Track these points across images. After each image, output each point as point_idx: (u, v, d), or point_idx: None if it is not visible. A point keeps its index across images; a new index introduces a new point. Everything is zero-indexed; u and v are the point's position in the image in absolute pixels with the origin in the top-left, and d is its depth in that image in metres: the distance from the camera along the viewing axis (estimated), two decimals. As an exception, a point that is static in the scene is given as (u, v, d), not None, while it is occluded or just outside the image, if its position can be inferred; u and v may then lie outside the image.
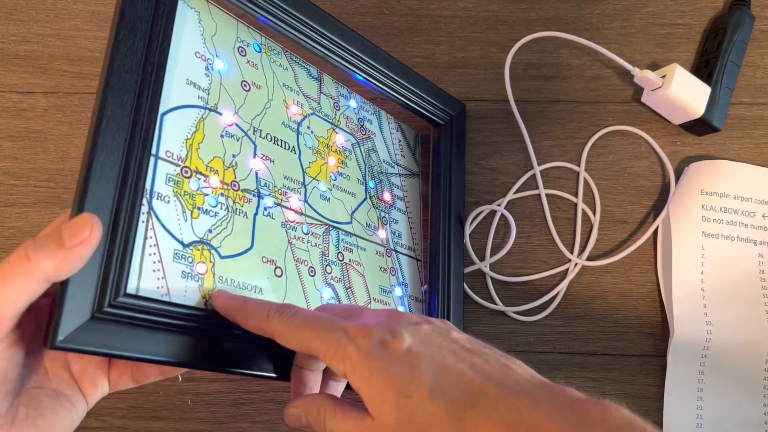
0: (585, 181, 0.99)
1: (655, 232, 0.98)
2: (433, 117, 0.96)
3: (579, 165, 1.00)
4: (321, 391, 0.68)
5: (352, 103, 0.89)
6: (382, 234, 0.88)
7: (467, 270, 0.96)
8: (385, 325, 0.57)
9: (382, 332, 0.55)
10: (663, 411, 0.91)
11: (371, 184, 0.88)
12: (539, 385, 0.52)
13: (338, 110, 0.86)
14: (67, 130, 0.98)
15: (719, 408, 0.91)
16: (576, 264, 0.96)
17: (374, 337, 0.55)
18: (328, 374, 0.68)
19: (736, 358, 0.92)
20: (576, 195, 1.00)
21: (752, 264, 0.97)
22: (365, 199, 0.87)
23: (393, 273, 0.88)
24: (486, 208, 0.96)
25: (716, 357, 0.92)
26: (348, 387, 0.70)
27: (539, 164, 1.00)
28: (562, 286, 0.96)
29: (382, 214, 0.89)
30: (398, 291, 0.88)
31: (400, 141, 0.96)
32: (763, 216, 0.98)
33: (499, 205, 0.98)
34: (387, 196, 0.90)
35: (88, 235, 0.51)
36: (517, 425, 0.47)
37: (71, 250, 0.50)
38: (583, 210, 0.99)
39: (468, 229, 0.95)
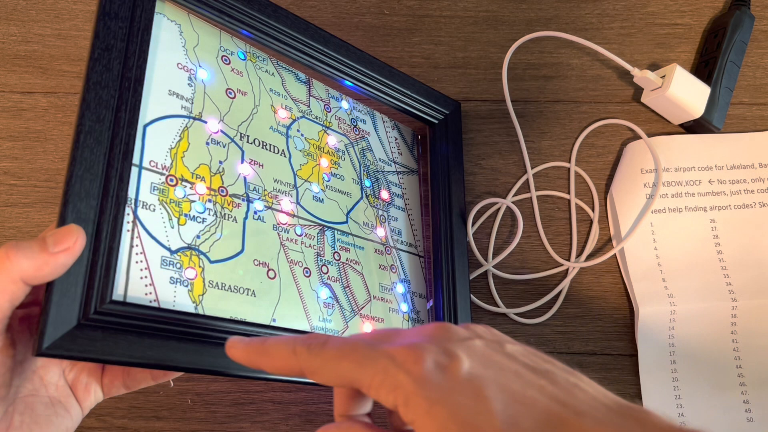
0: (585, 182, 0.99)
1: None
2: (426, 117, 0.96)
3: (571, 162, 1.00)
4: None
5: (344, 104, 0.89)
6: (380, 232, 0.88)
7: (475, 274, 0.96)
8: (435, 345, 0.47)
9: (435, 354, 0.46)
10: (640, 391, 0.92)
11: (367, 183, 0.88)
12: (618, 410, 0.44)
13: (329, 112, 0.86)
14: (67, 130, 0.98)
15: (694, 377, 0.92)
16: (573, 267, 0.95)
17: (427, 360, 0.45)
18: None
19: (703, 326, 0.93)
20: (569, 192, 0.99)
21: (705, 230, 0.98)
22: (361, 198, 0.87)
23: (394, 270, 0.88)
24: (494, 201, 0.97)
25: (683, 328, 0.93)
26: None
27: (540, 164, 1.00)
28: (564, 286, 0.95)
29: (380, 212, 0.89)
30: (400, 288, 0.88)
31: (396, 139, 0.96)
32: (709, 182, 0.99)
33: (499, 208, 0.98)
34: (384, 194, 0.90)
35: (71, 244, 0.52)
36: None
37: (53, 255, 0.51)
38: (583, 210, 0.98)
39: (470, 226, 0.95)
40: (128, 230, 0.60)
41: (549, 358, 0.50)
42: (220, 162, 0.70)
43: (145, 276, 0.61)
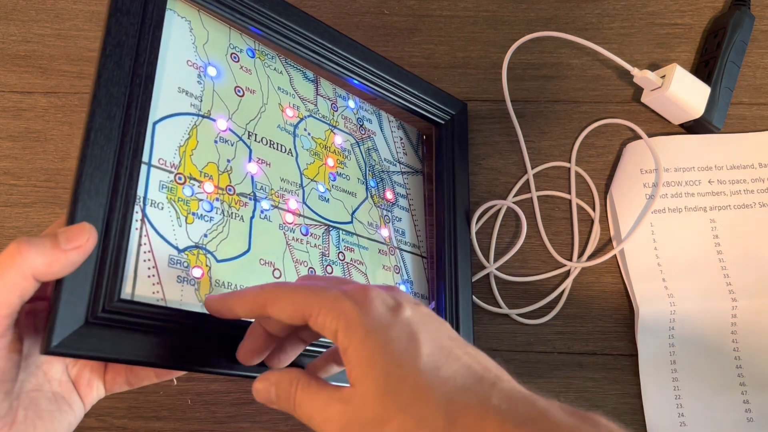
0: (585, 182, 0.99)
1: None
2: (432, 117, 0.96)
3: (571, 162, 1.01)
4: (271, 357, 0.63)
5: (351, 104, 0.89)
6: (384, 232, 0.88)
7: (477, 276, 0.96)
8: (386, 292, 0.53)
9: (383, 296, 0.52)
10: (641, 393, 0.91)
11: (372, 183, 0.88)
12: (531, 392, 0.48)
13: (336, 111, 0.86)
14: (67, 130, 0.98)
15: (694, 377, 0.91)
16: (575, 267, 0.96)
17: (375, 298, 0.51)
18: (285, 341, 0.63)
19: (703, 326, 0.93)
20: (570, 192, 1.00)
21: (705, 231, 0.98)
22: (366, 198, 0.87)
23: (397, 271, 0.88)
24: (496, 203, 0.97)
25: (684, 328, 0.93)
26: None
27: (540, 164, 1.00)
28: (566, 285, 0.95)
29: (384, 213, 0.89)
30: (403, 288, 0.88)
31: (401, 139, 0.96)
32: (709, 182, 1.00)
33: (500, 209, 0.98)
34: (389, 195, 0.90)
35: (83, 242, 0.53)
36: (513, 416, 0.45)
37: (64, 252, 0.51)
38: (584, 210, 0.98)
39: (474, 227, 0.95)
40: (137, 228, 0.60)
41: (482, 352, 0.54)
42: (228, 160, 0.70)
43: (153, 275, 0.61)
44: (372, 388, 0.47)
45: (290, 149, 0.78)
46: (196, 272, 0.64)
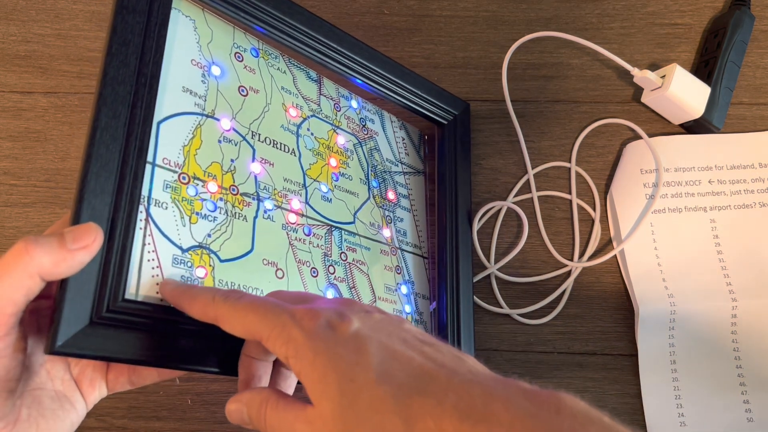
0: (585, 182, 0.99)
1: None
2: (435, 117, 0.95)
3: (571, 162, 1.01)
4: (271, 384, 0.64)
5: (353, 104, 0.89)
6: (386, 233, 0.88)
7: (478, 277, 0.96)
8: (334, 309, 0.54)
9: (330, 315, 0.53)
10: (641, 393, 0.91)
11: (374, 183, 0.88)
12: (491, 377, 0.49)
13: (339, 111, 0.86)
14: (67, 130, 0.98)
15: (694, 377, 0.91)
16: (576, 267, 0.96)
17: (321, 319, 0.52)
18: (278, 365, 0.64)
19: (703, 326, 0.93)
20: (570, 192, 1.00)
21: (705, 231, 0.98)
22: (368, 198, 0.87)
23: (398, 271, 0.88)
24: (497, 204, 0.97)
25: (683, 328, 0.93)
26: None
27: (540, 164, 1.00)
28: (567, 286, 0.95)
29: (387, 213, 0.89)
30: (404, 289, 0.88)
31: (403, 139, 0.96)
32: (709, 182, 1.00)
33: (500, 209, 0.98)
34: (391, 195, 0.90)
35: (90, 242, 0.53)
36: (469, 413, 0.44)
37: (71, 252, 0.51)
38: (584, 210, 0.99)
39: (476, 227, 0.95)
40: (141, 228, 0.60)
41: (442, 341, 0.55)
42: (232, 160, 0.70)
43: (157, 274, 0.60)
44: (329, 408, 0.48)
45: (293, 149, 0.78)
46: (200, 272, 0.64)
